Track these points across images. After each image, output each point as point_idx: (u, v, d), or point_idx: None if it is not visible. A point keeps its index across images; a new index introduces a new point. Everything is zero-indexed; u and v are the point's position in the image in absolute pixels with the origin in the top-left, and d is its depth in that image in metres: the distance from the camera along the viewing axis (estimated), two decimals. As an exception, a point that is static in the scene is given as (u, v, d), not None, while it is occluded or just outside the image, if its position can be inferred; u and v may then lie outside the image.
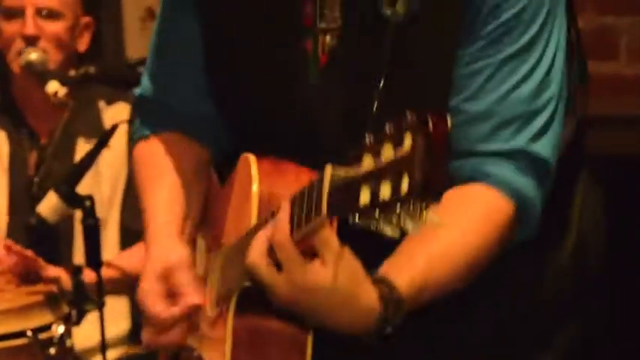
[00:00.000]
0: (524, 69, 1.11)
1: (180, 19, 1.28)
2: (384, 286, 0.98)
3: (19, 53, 2.04)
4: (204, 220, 1.33)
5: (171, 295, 1.15)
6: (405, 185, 0.78)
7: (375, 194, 0.82)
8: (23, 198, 2.10)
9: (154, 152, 1.33)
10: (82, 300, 1.76)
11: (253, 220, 1.12)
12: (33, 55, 1.98)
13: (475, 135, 1.11)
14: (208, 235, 1.32)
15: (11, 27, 2.07)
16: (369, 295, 0.97)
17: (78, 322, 1.75)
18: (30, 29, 2.05)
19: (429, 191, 0.79)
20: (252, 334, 1.10)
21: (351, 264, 0.97)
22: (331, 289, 0.96)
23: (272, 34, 1.19)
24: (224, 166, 1.31)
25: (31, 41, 2.05)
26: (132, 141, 1.41)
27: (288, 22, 1.18)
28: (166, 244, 1.21)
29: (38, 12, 2.09)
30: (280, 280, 0.96)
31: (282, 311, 1.03)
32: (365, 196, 0.83)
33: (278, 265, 0.97)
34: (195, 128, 1.31)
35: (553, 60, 1.14)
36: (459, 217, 1.04)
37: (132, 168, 1.42)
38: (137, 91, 1.40)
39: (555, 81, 1.14)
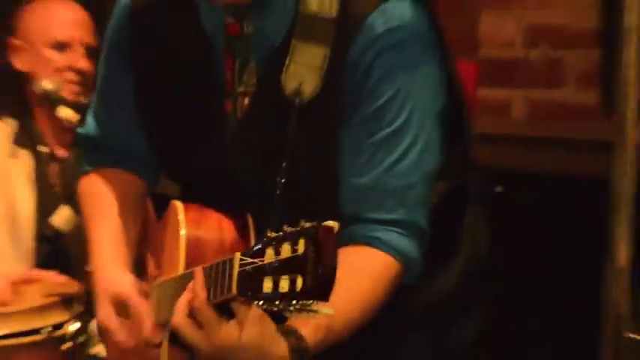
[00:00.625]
0: (401, 148, 1.17)
1: (118, 69, 1.34)
2: (292, 337, 1.05)
3: (70, 82, 2.14)
4: (142, 243, 1.39)
5: (126, 316, 1.21)
6: (299, 283, 0.86)
7: (275, 286, 0.88)
8: (48, 209, 2.13)
9: (96, 187, 1.39)
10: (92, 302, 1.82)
11: (181, 262, 1.20)
12: (48, 85, 2.07)
13: (363, 204, 1.16)
14: (146, 260, 1.39)
15: (62, 59, 2.15)
16: (279, 348, 1.03)
17: (89, 320, 1.77)
18: (83, 64, 2.16)
19: (320, 291, 0.86)
20: None
21: (261, 321, 1.01)
22: (244, 346, 1.01)
23: (196, 94, 1.25)
24: (159, 199, 1.38)
25: (83, 74, 2.18)
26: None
27: (210, 85, 1.24)
28: (116, 275, 1.26)
29: (85, 49, 2.19)
30: (201, 338, 1.03)
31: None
32: (267, 286, 0.89)
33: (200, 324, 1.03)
34: (132, 163, 1.39)
35: (427, 140, 1.19)
36: (354, 277, 1.09)
37: (79, 202, 1.46)
38: (81, 130, 1.46)
39: (430, 157, 1.19)
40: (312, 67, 1.14)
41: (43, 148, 2.16)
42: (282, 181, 1.14)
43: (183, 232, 1.21)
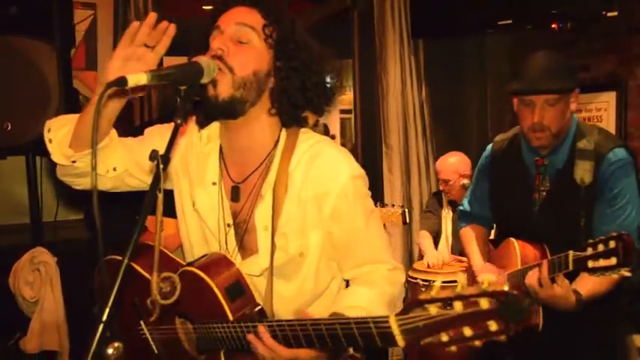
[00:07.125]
0: (625, 214, 2.04)
1: (482, 181, 2.46)
2: (576, 293, 1.94)
3: None
4: (484, 256, 2.45)
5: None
6: (614, 261, 1.65)
7: (597, 263, 1.67)
8: None
9: (469, 230, 2.55)
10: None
11: (518, 264, 2.13)
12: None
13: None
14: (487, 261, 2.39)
15: None
16: (571, 298, 1.93)
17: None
18: None
19: (627, 262, 1.64)
20: None
21: (567, 285, 1.89)
22: (559, 295, 1.92)
23: (519, 192, 2.22)
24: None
25: None
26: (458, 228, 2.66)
27: (526, 188, 2.20)
28: (486, 266, 2.29)
29: None
30: (540, 290, 1.94)
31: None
32: (591, 264, 1.72)
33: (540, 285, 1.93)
34: (483, 223, 2.54)
35: (637, 210, 2.04)
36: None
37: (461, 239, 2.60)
38: (461, 207, 2.62)
39: (639, 217, 2.06)
40: (586, 170, 2.05)
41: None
42: (582, 223, 2.04)
43: (518, 251, 2.18)
